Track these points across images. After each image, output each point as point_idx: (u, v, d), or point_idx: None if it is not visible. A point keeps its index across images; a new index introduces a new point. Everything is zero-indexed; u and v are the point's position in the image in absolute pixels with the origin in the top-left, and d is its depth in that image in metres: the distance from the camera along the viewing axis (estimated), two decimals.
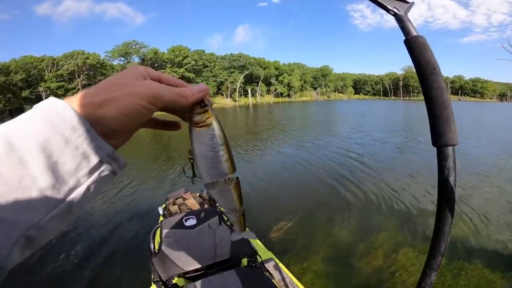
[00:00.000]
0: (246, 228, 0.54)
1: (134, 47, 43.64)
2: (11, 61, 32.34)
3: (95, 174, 0.28)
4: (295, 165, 8.47)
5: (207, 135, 0.37)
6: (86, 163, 0.27)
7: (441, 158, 0.60)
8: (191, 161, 0.43)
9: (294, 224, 4.44)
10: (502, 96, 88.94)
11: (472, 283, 2.95)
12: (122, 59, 43.45)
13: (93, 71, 38.27)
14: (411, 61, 0.69)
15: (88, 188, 0.28)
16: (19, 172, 0.24)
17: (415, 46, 0.68)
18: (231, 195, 0.43)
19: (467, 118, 24.21)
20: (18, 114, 0.28)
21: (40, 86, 31.59)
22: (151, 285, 2.13)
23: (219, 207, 2.60)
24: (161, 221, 2.34)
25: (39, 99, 31.17)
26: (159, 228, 2.28)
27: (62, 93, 33.63)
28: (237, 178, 0.42)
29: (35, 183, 0.24)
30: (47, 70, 34.34)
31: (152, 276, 2.02)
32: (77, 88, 36.21)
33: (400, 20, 0.71)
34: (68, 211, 0.27)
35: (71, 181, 0.26)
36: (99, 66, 38.94)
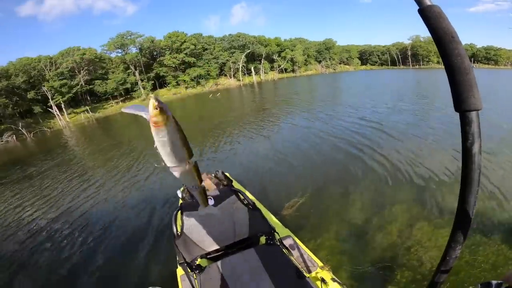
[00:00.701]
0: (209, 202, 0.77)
1: (129, 37, 42.87)
2: (9, 65, 32.49)
3: None
4: (304, 138, 8.36)
5: (165, 131, 0.50)
6: None
7: (465, 124, 0.60)
8: (157, 152, 0.55)
9: (307, 199, 4.46)
10: None
11: (490, 259, 2.85)
12: (120, 50, 42.96)
13: (92, 66, 38.16)
14: (419, 30, 0.67)
15: None
16: None
17: (430, 16, 0.67)
18: (191, 175, 0.57)
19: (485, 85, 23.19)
20: (29, 117, 0.24)
21: (43, 86, 31.85)
22: (177, 267, 2.24)
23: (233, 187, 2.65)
24: (181, 204, 2.42)
25: (45, 99, 31.67)
26: (179, 211, 2.36)
27: (66, 90, 33.91)
28: (196, 162, 0.57)
29: None
30: (47, 69, 34.44)
31: (177, 258, 2.11)
32: (80, 83, 36.33)
33: None
34: None
35: None
36: (97, 60, 38.76)
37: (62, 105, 33.36)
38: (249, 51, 52.31)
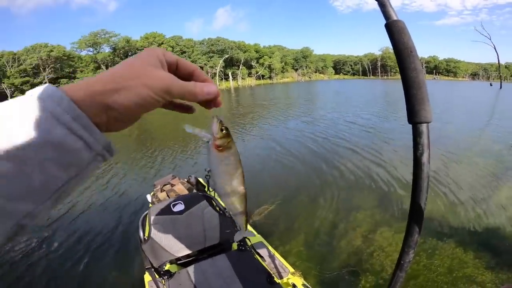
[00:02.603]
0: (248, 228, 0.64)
1: (103, 36, 41.01)
2: None
3: (87, 165, 0.29)
4: (274, 147, 8.45)
5: (226, 157, 0.46)
6: (82, 155, 0.28)
7: (416, 135, 0.64)
8: (207, 177, 0.61)
9: (276, 206, 4.51)
10: (474, 75, 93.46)
11: (445, 263, 3.00)
12: (91, 49, 40.88)
13: (59, 64, 35.98)
14: (389, 42, 0.71)
15: (80, 177, 0.29)
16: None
17: (394, 30, 0.71)
18: (240, 202, 0.53)
19: (441, 97, 25.27)
20: None
21: (3, 82, 29.35)
22: (144, 273, 2.14)
23: (210, 192, 2.60)
24: (149, 208, 2.32)
25: (4, 97, 29.08)
26: (147, 215, 2.26)
27: (28, 88, 31.48)
28: (245, 189, 0.52)
29: (32, 176, 0.25)
30: (8, 65, 31.88)
31: (144, 264, 2.03)
32: (43, 82, 34.09)
33: (382, 5, 0.73)
34: (58, 200, 0.28)
35: (66, 173, 0.27)
36: (65, 58, 36.63)
37: None
38: (227, 56, 52.47)
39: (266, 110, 17.46)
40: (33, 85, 32.94)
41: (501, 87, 35.53)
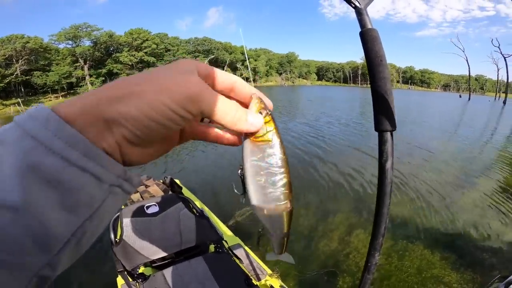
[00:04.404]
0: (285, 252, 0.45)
1: (85, 30, 39.36)
2: None
3: (102, 202, 0.23)
4: None
5: (265, 152, 0.30)
6: (91, 192, 0.22)
7: (381, 142, 0.66)
8: (242, 177, 0.35)
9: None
10: (445, 87, 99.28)
11: (415, 264, 3.18)
12: (70, 42, 39.06)
13: (34, 56, 34.05)
14: None
15: (98, 217, 0.23)
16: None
17: (368, 38, 0.72)
18: (282, 221, 0.36)
19: (412, 107, 26.58)
20: None
21: None
22: (117, 276, 2.06)
23: (184, 194, 2.55)
24: (121, 209, 2.23)
25: None
26: (119, 217, 2.18)
27: None
28: (292, 204, 0.35)
29: (32, 225, 0.20)
30: None
31: (116, 267, 1.96)
32: (15, 73, 32.03)
33: (359, 13, 0.74)
34: (80, 244, 0.23)
35: (76, 216, 0.21)
36: (41, 50, 34.72)
37: None
38: (213, 56, 52.20)
39: None
40: (3, 76, 30.91)
41: (469, 99, 38.10)
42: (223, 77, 0.28)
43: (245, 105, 0.30)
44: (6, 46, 31.78)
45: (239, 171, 0.36)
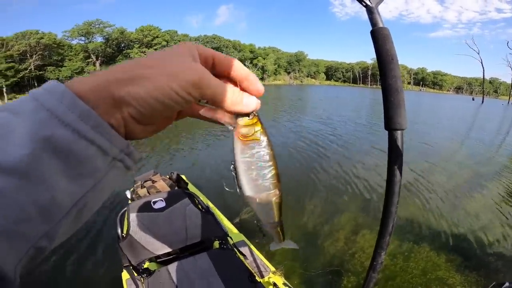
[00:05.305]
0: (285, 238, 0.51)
1: (97, 26, 40.11)
2: None
3: (105, 174, 0.25)
4: None
5: (255, 149, 0.35)
6: (97, 163, 0.23)
7: (391, 141, 0.66)
8: (233, 173, 0.39)
9: None
10: (458, 89, 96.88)
11: (420, 265, 3.16)
12: (83, 38, 39.89)
13: (48, 51, 34.86)
14: None
15: (99, 189, 0.25)
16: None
17: (379, 37, 0.72)
18: (272, 209, 0.42)
19: (424, 108, 26.04)
20: None
21: None
22: (122, 270, 2.10)
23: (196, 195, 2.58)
24: (128, 204, 2.27)
25: None
26: (126, 212, 2.21)
27: (12, 74, 30.52)
28: (280, 192, 0.40)
29: (38, 192, 0.21)
30: None
31: (122, 261, 1.98)
32: (29, 68, 32.84)
33: (370, 12, 0.74)
34: (79, 216, 0.25)
35: (79, 187, 0.23)
36: (55, 45, 35.53)
37: (4, 89, 29.69)
38: None
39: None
40: (17, 71, 31.75)
41: (482, 102, 37.09)
42: (221, 59, 0.31)
43: (241, 86, 0.33)
44: (21, 42, 32.63)
45: (231, 167, 0.40)
